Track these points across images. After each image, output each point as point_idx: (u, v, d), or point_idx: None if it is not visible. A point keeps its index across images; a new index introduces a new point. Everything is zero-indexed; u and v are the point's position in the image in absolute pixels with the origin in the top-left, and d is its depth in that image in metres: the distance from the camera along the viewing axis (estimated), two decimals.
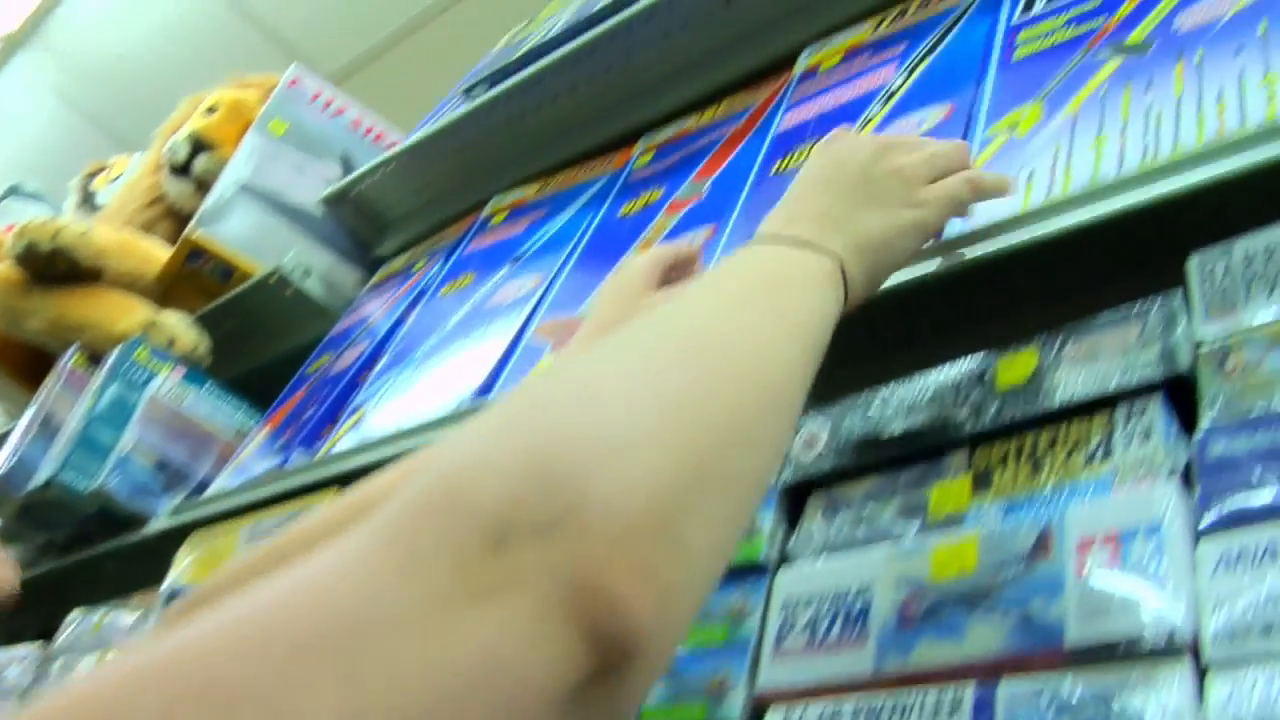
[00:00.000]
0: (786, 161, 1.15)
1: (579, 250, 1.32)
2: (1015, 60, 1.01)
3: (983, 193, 0.78)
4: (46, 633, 1.73)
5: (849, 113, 1.12)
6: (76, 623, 1.62)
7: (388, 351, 1.45)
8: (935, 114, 1.02)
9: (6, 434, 2.40)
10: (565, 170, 1.58)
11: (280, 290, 1.82)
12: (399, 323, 1.52)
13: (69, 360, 1.88)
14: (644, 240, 1.24)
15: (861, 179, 0.72)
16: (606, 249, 1.29)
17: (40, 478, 1.71)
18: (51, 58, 4.04)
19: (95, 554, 1.74)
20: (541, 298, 1.27)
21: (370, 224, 1.87)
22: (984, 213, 0.82)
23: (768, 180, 1.18)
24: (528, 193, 1.59)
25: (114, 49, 3.82)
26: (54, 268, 1.90)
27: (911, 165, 0.75)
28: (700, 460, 0.46)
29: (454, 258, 1.56)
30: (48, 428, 1.80)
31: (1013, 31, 1.05)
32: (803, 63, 1.27)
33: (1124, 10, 0.97)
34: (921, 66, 1.11)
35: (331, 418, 1.41)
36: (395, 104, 2.46)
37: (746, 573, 0.84)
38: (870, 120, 1.08)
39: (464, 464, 0.42)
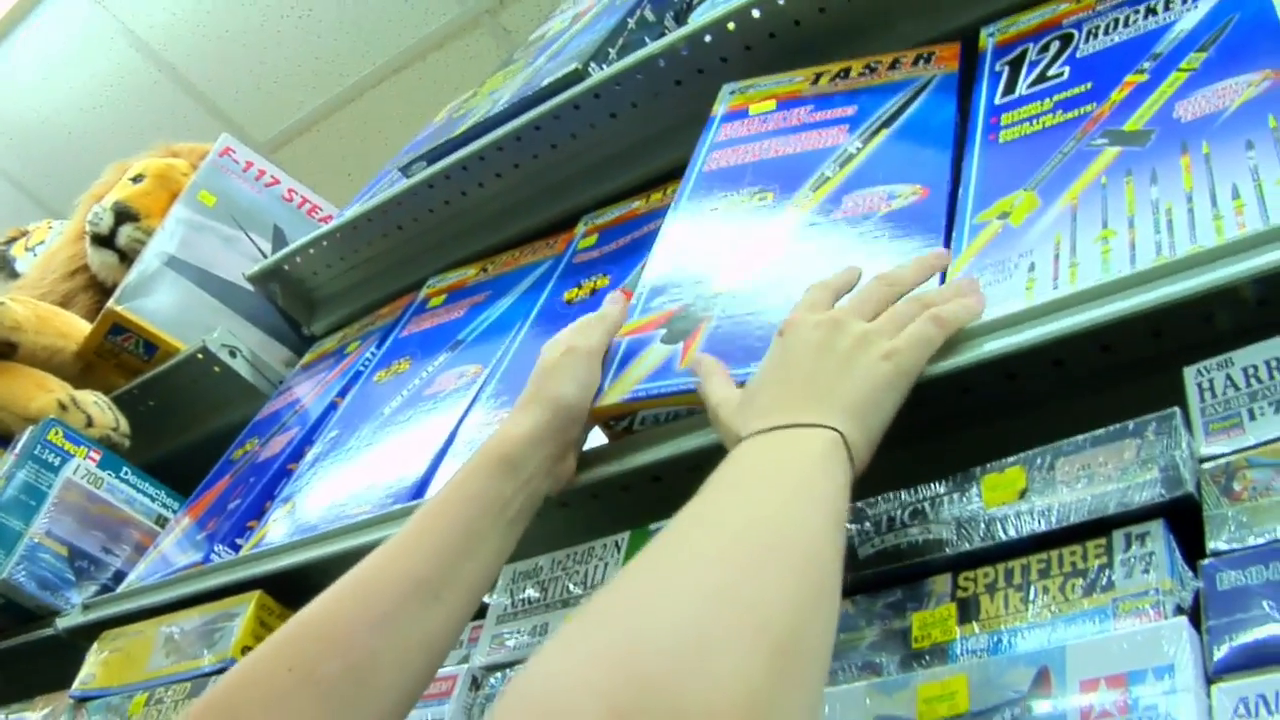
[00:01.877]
0: None
1: (521, 336, 1.26)
2: (1000, 142, 0.98)
3: (951, 325, 0.77)
4: None
5: (796, 164, 1.07)
6: None
7: (319, 439, 1.37)
8: (907, 192, 0.97)
9: None
10: (506, 252, 1.53)
11: (206, 368, 1.75)
12: (331, 408, 1.44)
13: None
14: None
15: (829, 356, 0.73)
16: (551, 335, 1.23)
17: None
18: None
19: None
20: (482, 386, 1.21)
21: (301, 301, 1.79)
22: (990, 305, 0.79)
23: None
24: (467, 275, 1.53)
25: (40, 110, 3.72)
26: None
27: (874, 329, 0.75)
28: (778, 648, 0.49)
29: (389, 341, 1.49)
30: None
31: (995, 112, 1.02)
32: (723, 104, 1.22)
33: (1116, 97, 0.94)
34: (880, 136, 1.07)
35: (258, 510, 1.34)
36: (328, 175, 2.41)
37: None
38: (829, 181, 1.03)
39: (557, 688, 0.43)
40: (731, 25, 1.27)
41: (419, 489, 1.12)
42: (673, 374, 0.88)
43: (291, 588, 1.16)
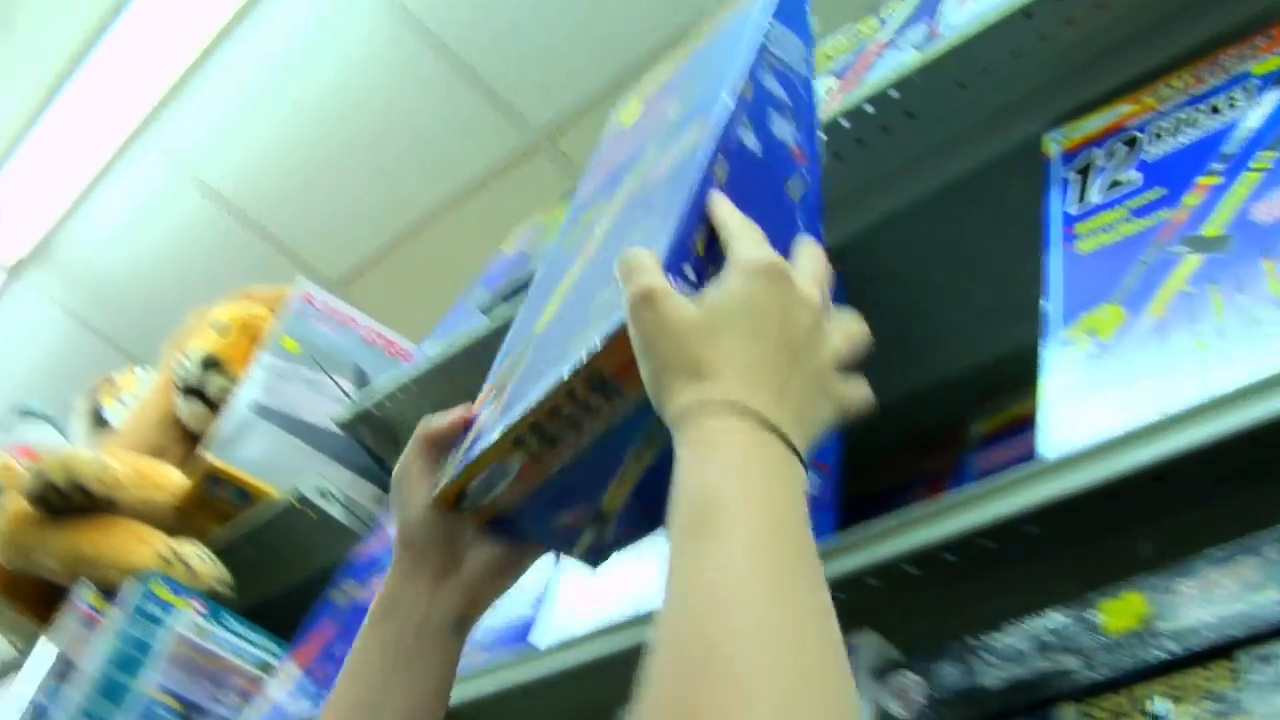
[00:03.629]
0: None
1: None
2: (1080, 253, 0.99)
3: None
4: None
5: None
6: None
7: None
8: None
9: (16, 665, 2.32)
10: None
11: (299, 513, 1.79)
12: None
13: (85, 597, 1.82)
14: None
15: (807, 355, 0.70)
16: None
17: None
18: (58, 274, 4.06)
19: None
20: None
21: (389, 441, 1.83)
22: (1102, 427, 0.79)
23: None
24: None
25: (118, 264, 3.85)
26: (70, 503, 1.86)
27: (837, 352, 0.74)
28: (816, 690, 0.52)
29: None
30: (65, 671, 1.73)
31: (1070, 222, 1.03)
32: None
33: (1190, 201, 0.95)
34: None
35: None
36: (402, 305, 2.46)
37: None
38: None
39: None
40: None
41: (525, 630, 1.14)
42: (496, 430, 0.81)
43: None
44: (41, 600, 2.14)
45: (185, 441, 2.20)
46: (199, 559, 1.76)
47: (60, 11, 3.38)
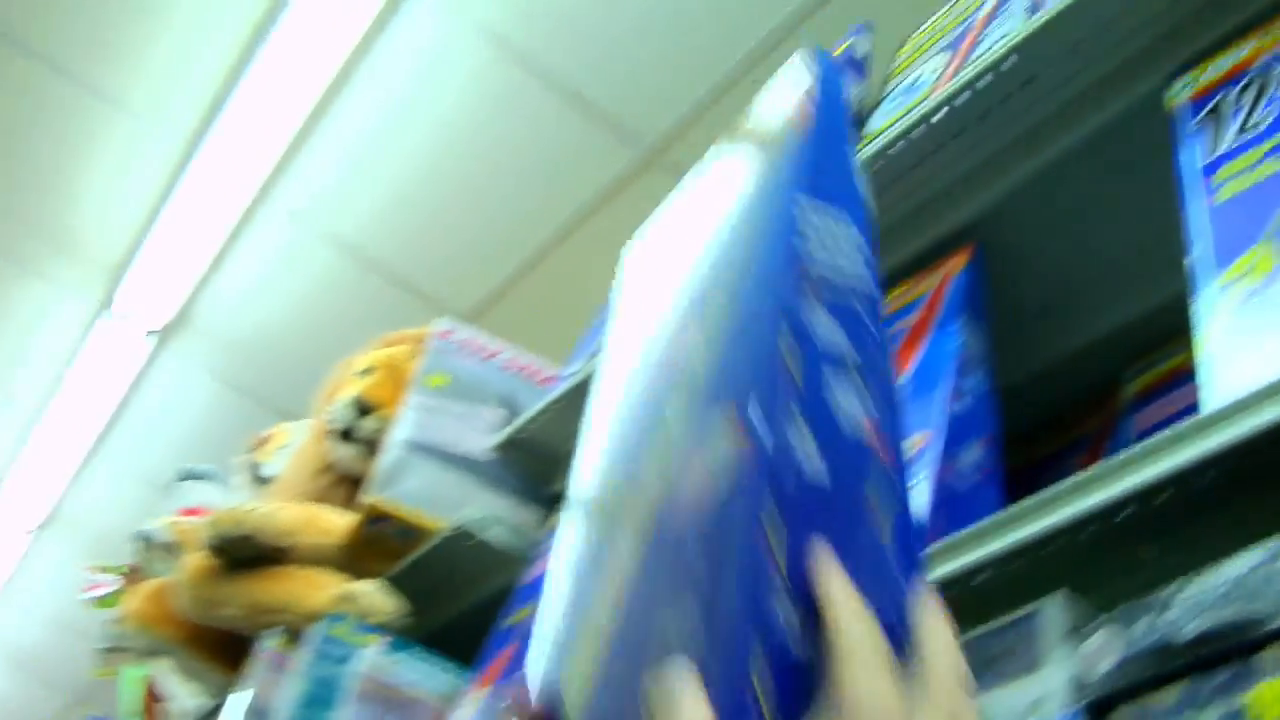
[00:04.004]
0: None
1: None
2: (1221, 200, 0.97)
3: None
4: None
5: None
6: None
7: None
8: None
9: (209, 714, 2.42)
10: None
11: (463, 544, 1.83)
12: None
13: (270, 644, 1.89)
14: None
15: None
16: None
17: None
18: (200, 340, 4.22)
19: None
20: None
21: (544, 463, 1.87)
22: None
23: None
24: None
25: (257, 323, 3.98)
26: (245, 553, 1.93)
27: None
28: None
29: None
30: (260, 716, 1.80)
31: (1208, 172, 1.01)
32: None
33: None
34: None
35: None
36: (533, 332, 2.51)
37: None
38: None
39: None
40: None
41: None
42: None
43: None
44: (229, 650, 2.23)
45: (343, 486, 2.27)
46: (374, 596, 1.82)
47: (175, 87, 3.52)
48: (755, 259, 0.62)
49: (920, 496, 1.04)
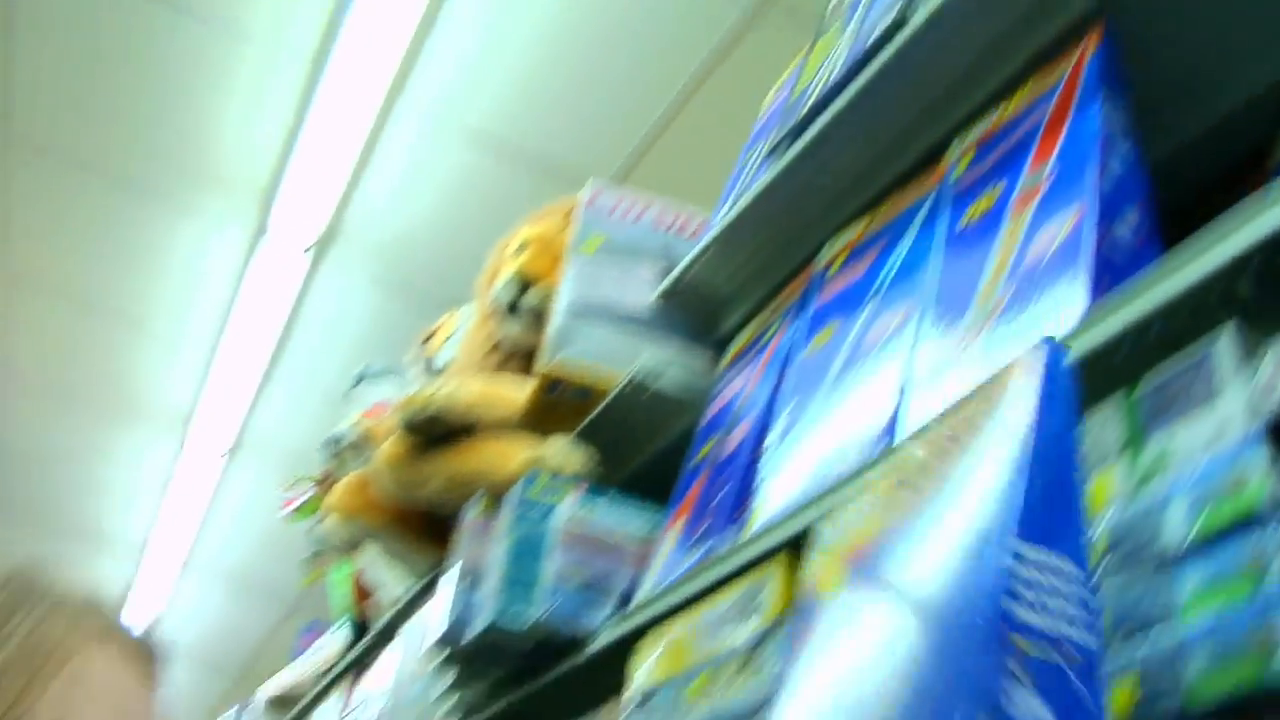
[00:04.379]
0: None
1: (939, 265, 1.31)
2: None
3: None
4: None
5: None
6: None
7: (774, 423, 1.47)
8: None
9: (418, 595, 2.55)
10: (884, 201, 1.58)
11: (638, 396, 1.88)
12: (774, 391, 1.54)
13: (472, 513, 1.99)
14: (1001, 244, 1.22)
15: None
16: (963, 260, 1.28)
17: (478, 626, 1.81)
18: (356, 249, 4.35)
19: (543, 683, 1.81)
20: (920, 319, 1.27)
21: (706, 308, 1.91)
22: None
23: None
24: (856, 233, 1.59)
25: (407, 224, 4.08)
26: (435, 431, 2.02)
27: None
28: None
29: (807, 314, 1.57)
30: (474, 581, 1.90)
31: None
32: None
33: None
34: None
35: (741, 498, 1.44)
36: (681, 183, 2.53)
37: (1244, 528, 0.80)
38: None
39: None
40: None
41: (890, 429, 1.19)
42: None
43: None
44: (432, 530, 2.35)
45: (513, 361, 2.34)
46: (563, 454, 1.89)
47: (292, 8, 3.59)
48: (958, 626, 0.58)
49: (1080, 277, 1.05)
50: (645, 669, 1.45)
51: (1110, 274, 1.06)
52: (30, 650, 0.60)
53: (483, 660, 1.90)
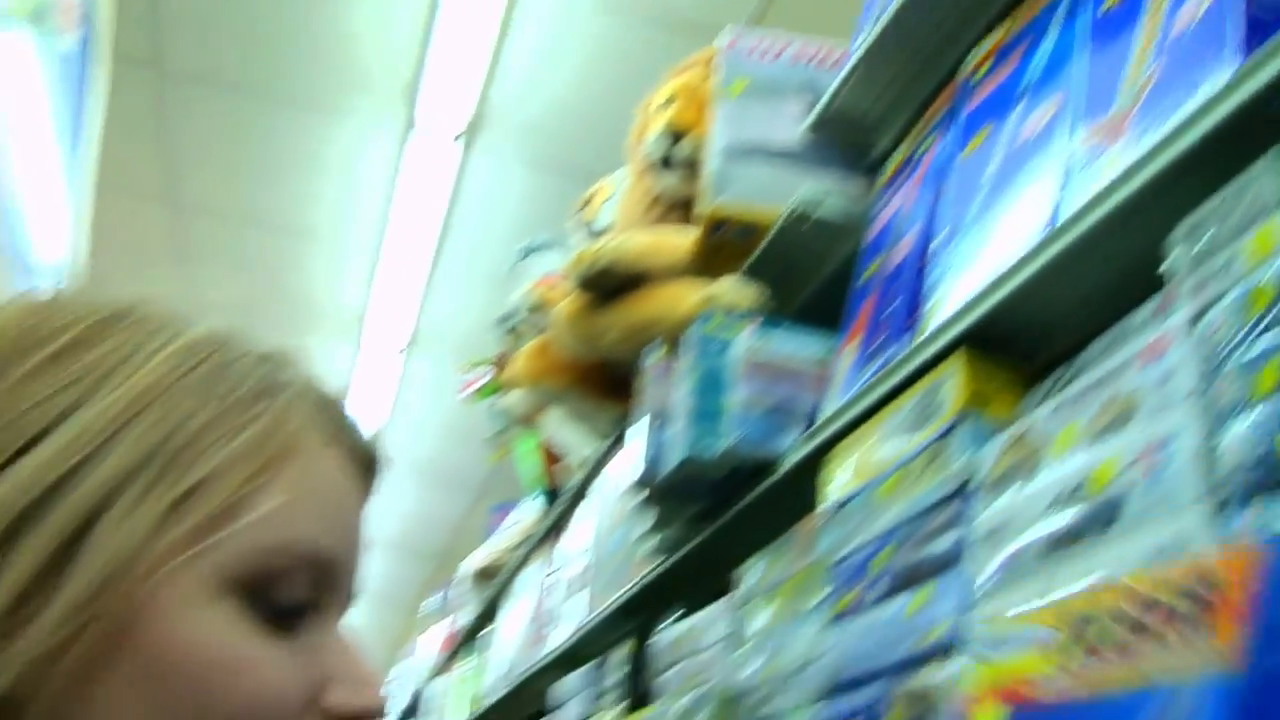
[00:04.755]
0: None
1: (1086, 54, 1.33)
2: None
3: None
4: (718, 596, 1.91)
5: None
6: (755, 571, 1.78)
7: (937, 232, 1.51)
8: None
9: (606, 453, 2.66)
10: (1024, 1, 1.59)
11: (800, 227, 1.94)
12: (934, 202, 1.57)
13: (653, 358, 2.07)
14: (1146, 21, 1.23)
15: None
16: (1110, 45, 1.29)
17: (672, 462, 1.90)
18: (504, 132, 4.44)
19: (738, 510, 1.90)
20: (1072, 108, 1.29)
21: (857, 133, 1.95)
22: None
23: None
24: (999, 37, 1.60)
25: (551, 100, 4.15)
26: (609, 284, 2.11)
27: None
28: None
29: (959, 122, 1.59)
30: (660, 418, 2.00)
31: None
32: None
33: None
34: None
35: (912, 306, 1.49)
36: (817, 20, 2.54)
37: None
38: None
39: None
40: None
41: (1053, 218, 1.23)
42: None
43: (985, 345, 1.31)
44: (613, 385, 2.45)
45: (674, 213, 2.41)
46: (735, 290, 1.96)
47: None
48: None
49: (1229, 38, 1.06)
50: (836, 482, 1.52)
51: (1260, 33, 1.07)
52: (267, 437, 0.61)
53: (679, 496, 1.99)
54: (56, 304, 0.64)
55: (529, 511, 4.08)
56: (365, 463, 0.69)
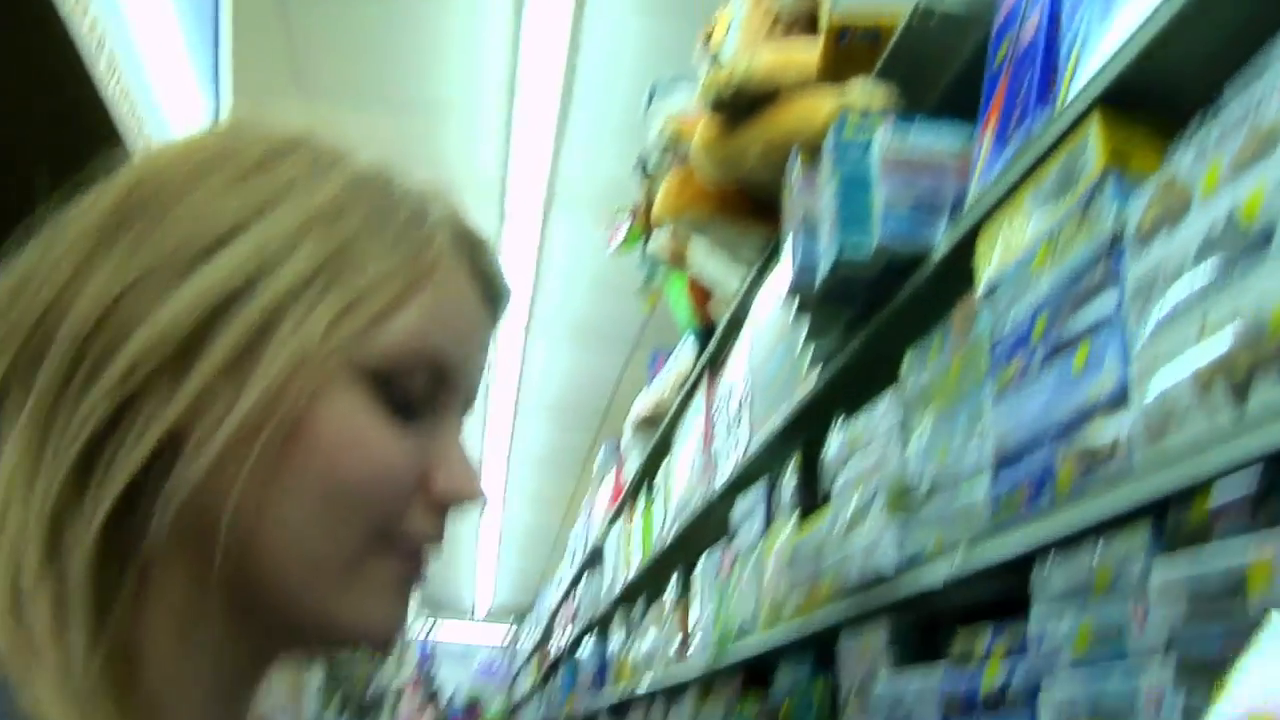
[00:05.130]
0: None
1: None
2: None
3: None
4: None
5: None
6: (918, 361, 1.83)
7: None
8: None
9: (754, 281, 2.71)
10: None
11: (927, 23, 1.94)
12: None
13: (795, 170, 2.11)
14: None
15: None
16: None
17: (824, 267, 1.95)
18: None
19: (893, 308, 1.94)
20: None
21: None
22: None
23: None
24: None
25: None
26: (742, 102, 2.15)
27: None
28: None
29: None
30: (809, 227, 2.04)
31: None
32: None
33: None
34: None
35: (1047, 77, 1.50)
36: None
37: None
38: None
39: None
40: None
41: None
42: None
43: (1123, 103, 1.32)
44: (757, 211, 2.50)
45: (796, 29, 2.42)
46: (867, 93, 1.98)
47: None
48: None
49: None
50: (988, 264, 1.56)
51: None
52: (416, 257, 0.68)
53: (834, 300, 2.04)
54: (238, 132, 0.72)
55: (685, 352, 4.16)
56: (495, 289, 0.76)
